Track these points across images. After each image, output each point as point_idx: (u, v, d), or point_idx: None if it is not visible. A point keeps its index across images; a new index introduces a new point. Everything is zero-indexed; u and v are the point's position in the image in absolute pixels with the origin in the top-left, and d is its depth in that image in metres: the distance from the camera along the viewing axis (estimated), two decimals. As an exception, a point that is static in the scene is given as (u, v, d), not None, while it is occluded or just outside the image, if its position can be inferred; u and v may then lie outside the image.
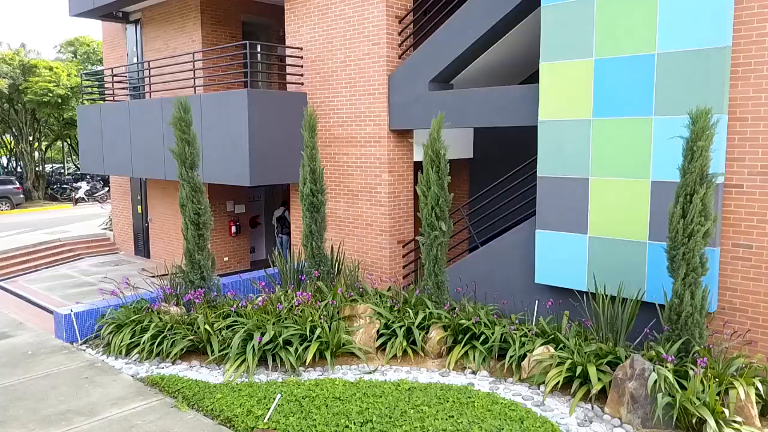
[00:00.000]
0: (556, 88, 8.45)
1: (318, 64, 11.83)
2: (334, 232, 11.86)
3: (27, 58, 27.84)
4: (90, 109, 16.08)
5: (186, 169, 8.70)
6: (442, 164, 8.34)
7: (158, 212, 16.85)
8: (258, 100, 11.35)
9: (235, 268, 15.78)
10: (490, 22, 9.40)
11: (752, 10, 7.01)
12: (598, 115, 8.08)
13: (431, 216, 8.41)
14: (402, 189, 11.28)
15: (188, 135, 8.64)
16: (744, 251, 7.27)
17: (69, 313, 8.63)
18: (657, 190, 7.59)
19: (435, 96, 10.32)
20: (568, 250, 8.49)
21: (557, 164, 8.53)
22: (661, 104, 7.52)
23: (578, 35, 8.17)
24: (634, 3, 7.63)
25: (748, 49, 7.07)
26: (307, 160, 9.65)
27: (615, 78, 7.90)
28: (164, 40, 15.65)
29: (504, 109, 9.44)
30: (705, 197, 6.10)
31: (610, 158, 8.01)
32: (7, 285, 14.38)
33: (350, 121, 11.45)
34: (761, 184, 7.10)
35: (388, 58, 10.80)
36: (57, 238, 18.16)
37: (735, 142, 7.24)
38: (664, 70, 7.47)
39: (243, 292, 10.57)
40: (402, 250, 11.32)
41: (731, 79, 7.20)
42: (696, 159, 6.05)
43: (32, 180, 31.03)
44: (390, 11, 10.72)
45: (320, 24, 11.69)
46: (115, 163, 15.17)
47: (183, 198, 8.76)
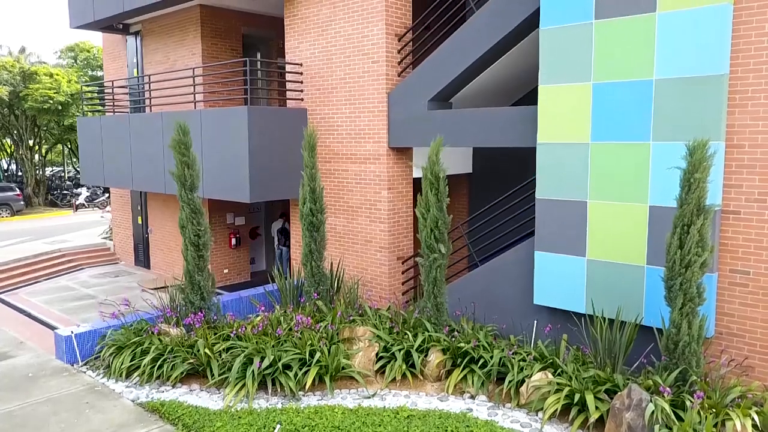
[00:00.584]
0: (555, 111, 8.49)
1: (318, 80, 11.86)
2: (333, 247, 11.89)
3: (27, 65, 27.87)
4: (90, 121, 16.12)
5: (186, 191, 8.73)
6: (441, 187, 8.38)
7: (158, 223, 16.88)
8: (258, 116, 11.38)
9: (235, 280, 15.81)
10: (488, 43, 9.43)
11: (749, 38, 7.04)
12: (596, 139, 8.12)
13: (430, 238, 8.44)
14: (401, 205, 11.32)
15: (188, 157, 8.67)
16: (741, 277, 7.30)
17: (70, 335, 8.66)
18: (655, 215, 7.63)
19: (434, 115, 10.36)
20: (567, 272, 8.53)
21: (556, 187, 8.57)
22: (659, 130, 7.55)
23: (577, 59, 8.20)
24: (632, 29, 7.67)
25: (745, 77, 7.10)
26: (307, 180, 9.68)
27: (613, 102, 7.93)
28: (164, 52, 15.69)
29: (503, 130, 9.47)
30: (702, 228, 6.13)
31: (608, 182, 8.04)
32: (8, 298, 14.41)
33: (350, 137, 11.48)
34: (759, 211, 7.13)
35: (387, 76, 10.84)
36: (57, 249, 18.19)
37: (732, 168, 7.27)
38: (662, 96, 7.50)
39: (243, 311, 10.60)
40: (401, 266, 11.35)
41: (729, 107, 7.23)
42: (693, 190, 6.09)
43: (32, 186, 31.06)
44: (389, 29, 10.75)
45: (320, 40, 11.72)
46: (116, 175, 15.21)
47: (183, 219, 8.80)
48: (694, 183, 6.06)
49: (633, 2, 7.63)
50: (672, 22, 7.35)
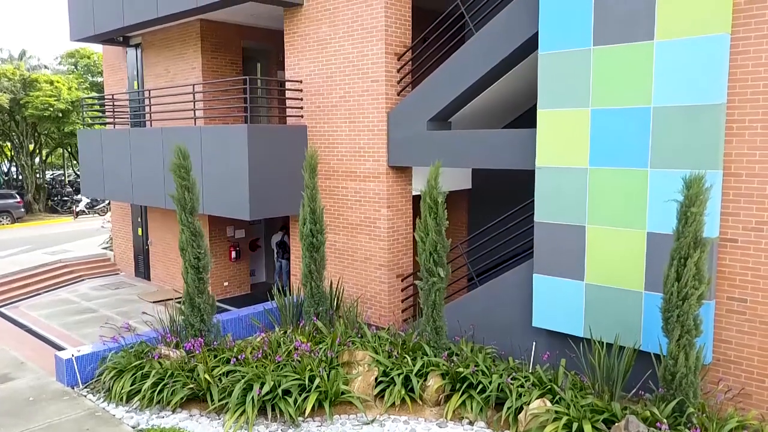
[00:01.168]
0: (554, 136, 8.52)
1: (318, 97, 11.90)
2: (333, 264, 11.93)
3: (28, 73, 27.90)
4: (91, 133, 16.16)
5: (186, 214, 8.77)
6: (440, 211, 8.42)
7: (158, 235, 16.92)
8: (258, 134, 11.42)
9: (236, 292, 15.86)
10: (487, 66, 9.47)
11: (747, 68, 7.08)
12: (594, 165, 8.16)
13: (429, 262, 8.48)
14: (401, 223, 11.36)
15: (188, 181, 8.71)
16: (739, 305, 7.34)
17: (70, 358, 8.70)
18: (653, 242, 7.67)
19: (433, 135, 10.40)
20: (565, 296, 8.57)
21: (554, 210, 8.60)
22: (657, 157, 7.59)
23: (575, 85, 8.23)
24: (630, 56, 7.70)
25: (742, 106, 7.14)
26: (308, 200, 9.72)
27: (611, 128, 7.97)
28: (164, 65, 15.72)
29: (502, 152, 9.51)
30: (699, 261, 6.17)
31: (606, 207, 8.08)
32: (9, 312, 14.46)
33: (350, 155, 11.52)
34: (756, 240, 7.17)
35: (387, 95, 10.87)
36: (58, 260, 18.23)
37: (730, 197, 7.31)
38: (659, 123, 7.54)
39: (242, 330, 10.64)
40: (401, 284, 11.39)
41: (726, 135, 7.27)
42: (690, 224, 6.13)
43: (33, 192, 31.11)
44: (389, 49, 10.79)
45: (319, 58, 11.76)
46: (116, 188, 15.25)
47: (183, 242, 8.84)
48: (691, 216, 6.10)
49: (631, 30, 7.67)
50: (670, 50, 7.38)
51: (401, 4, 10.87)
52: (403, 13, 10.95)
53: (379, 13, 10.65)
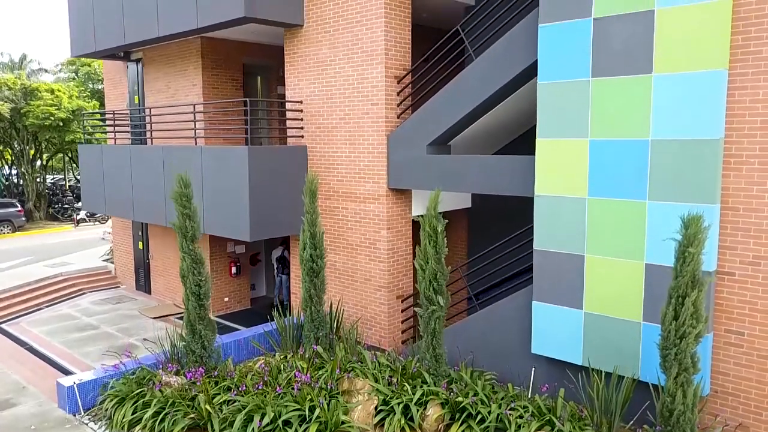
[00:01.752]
0: (552, 165, 8.57)
1: (318, 118, 11.95)
2: (333, 284, 11.97)
3: (29, 82, 27.94)
4: (92, 149, 16.21)
5: (187, 242, 8.82)
6: (440, 240, 8.46)
7: (159, 250, 16.97)
8: (258, 156, 11.46)
9: (236, 308, 15.90)
10: (486, 92, 9.52)
11: (744, 103, 7.13)
12: (593, 195, 8.20)
13: (429, 290, 8.53)
14: (401, 244, 11.40)
15: (189, 209, 8.77)
16: (736, 337, 7.39)
17: (72, 385, 8.75)
18: (651, 273, 7.71)
19: (433, 159, 10.44)
20: (564, 324, 8.61)
21: (553, 238, 8.65)
22: (655, 189, 7.63)
23: (574, 115, 8.28)
24: (628, 89, 7.75)
25: (739, 141, 7.19)
26: (308, 225, 9.77)
27: (610, 159, 8.01)
28: (165, 81, 15.77)
29: (501, 178, 9.55)
30: (696, 301, 6.22)
31: (605, 237, 8.13)
32: (10, 328, 14.51)
33: (350, 176, 11.57)
34: (753, 274, 7.22)
35: (387, 118, 10.92)
36: (58, 273, 18.29)
37: (727, 230, 7.36)
38: (658, 156, 7.59)
39: (243, 353, 10.68)
40: (401, 305, 11.44)
41: (724, 170, 7.32)
42: (688, 263, 6.17)
43: (34, 200, 31.16)
44: (389, 72, 10.83)
45: (320, 79, 11.80)
46: (117, 204, 15.29)
47: (184, 269, 8.89)
48: (689, 256, 6.14)
49: (629, 63, 7.71)
50: (668, 84, 7.43)
51: (401, 27, 10.92)
52: (403, 36, 11.00)
53: (379, 37, 10.70)
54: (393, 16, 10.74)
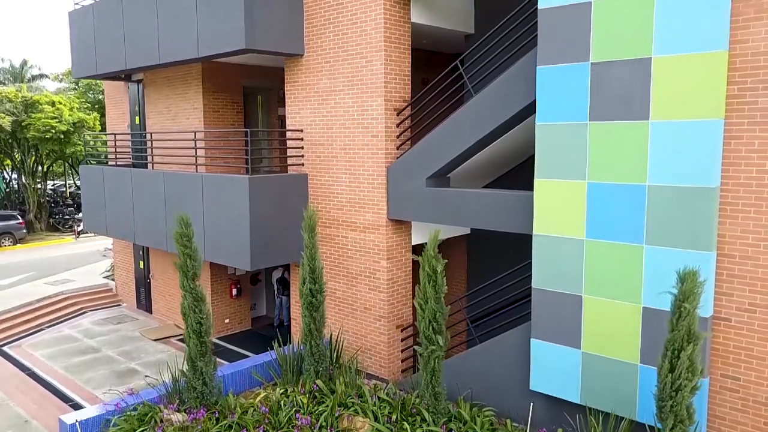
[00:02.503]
0: (551, 205, 8.64)
1: (318, 147, 12.02)
2: (333, 312, 12.05)
3: (29, 94, 28.02)
4: (93, 170, 16.28)
5: (188, 281, 8.89)
6: (439, 280, 8.54)
7: (160, 269, 17.05)
8: (259, 185, 11.54)
9: (236, 329, 16.00)
10: (485, 129, 9.60)
11: (740, 153, 7.20)
12: (591, 237, 8.27)
13: (429, 330, 8.60)
14: (400, 274, 11.48)
15: (190, 249, 8.84)
16: (732, 383, 7.46)
17: (74, 423, 8.81)
18: (648, 316, 7.78)
19: (432, 192, 10.51)
20: (562, 362, 8.68)
21: (551, 278, 8.72)
22: (653, 234, 7.70)
23: (572, 157, 8.34)
24: (625, 134, 7.81)
25: (736, 190, 7.26)
26: (307, 260, 9.84)
27: (608, 202, 8.08)
28: (166, 103, 15.85)
29: (500, 214, 9.63)
30: (692, 355, 6.29)
31: (602, 279, 8.20)
32: (11, 351, 14.61)
33: (350, 206, 11.64)
34: (749, 321, 7.29)
35: (387, 150, 10.99)
36: (60, 291, 18.37)
37: (723, 277, 7.43)
38: (655, 201, 7.65)
39: (244, 383, 10.74)
40: (401, 334, 11.52)
41: (720, 217, 7.39)
42: (683, 318, 6.25)
43: (35, 211, 31.24)
44: (388, 105, 10.90)
45: (320, 110, 11.87)
46: (118, 227, 15.36)
47: (185, 308, 8.97)
48: (684, 311, 6.22)
49: (627, 108, 7.78)
50: (665, 131, 7.50)
51: (400, 59, 10.99)
52: (403, 69, 11.07)
53: (378, 70, 10.78)
54: (392, 49, 10.81)
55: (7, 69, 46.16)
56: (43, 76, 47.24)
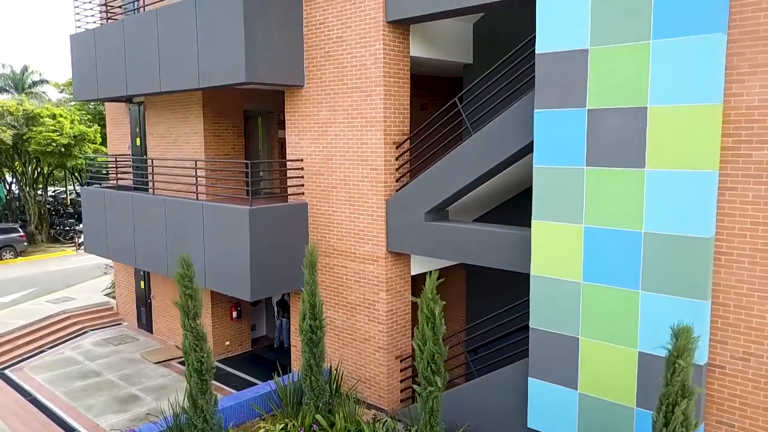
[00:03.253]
0: (548, 247, 8.73)
1: (318, 177, 12.10)
2: (332, 341, 12.14)
3: (31, 107, 28.11)
4: (94, 193, 16.37)
5: (189, 320, 8.98)
6: (437, 322, 8.62)
7: (161, 290, 17.14)
8: (260, 216, 11.63)
9: (236, 351, 16.07)
10: (483, 168, 9.69)
11: (734, 204, 7.29)
12: (587, 280, 8.36)
13: (427, 371, 8.68)
14: (399, 305, 11.57)
15: (191, 289, 8.93)
16: (727, 429, 7.55)
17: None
18: (644, 361, 7.88)
19: (431, 227, 10.60)
20: (559, 402, 8.77)
21: (549, 318, 8.81)
22: (648, 280, 7.80)
23: (569, 200, 8.43)
24: (622, 181, 7.90)
25: (730, 240, 7.35)
26: (307, 296, 9.93)
27: (604, 247, 8.16)
28: (167, 126, 15.94)
29: (498, 251, 9.72)
30: (686, 410, 6.37)
31: (599, 322, 8.29)
32: (13, 375, 14.68)
33: (349, 236, 11.72)
34: (743, 369, 7.38)
35: (386, 183, 11.07)
36: (61, 311, 18.45)
37: (718, 325, 7.52)
38: (650, 249, 7.74)
39: (245, 414, 10.83)
40: (400, 364, 11.60)
41: (715, 266, 7.48)
42: (678, 374, 6.33)
43: (35, 223, 31.33)
44: (388, 138, 10.99)
45: (320, 140, 11.96)
46: (119, 250, 15.45)
47: (186, 347, 9.05)
48: (679, 368, 6.30)
49: (623, 155, 7.87)
50: (661, 180, 7.59)
51: (400, 94, 11.08)
52: (402, 103, 11.15)
53: (378, 105, 10.86)
54: (392, 83, 10.90)
55: (8, 75, 46.28)
56: (44, 81, 47.35)
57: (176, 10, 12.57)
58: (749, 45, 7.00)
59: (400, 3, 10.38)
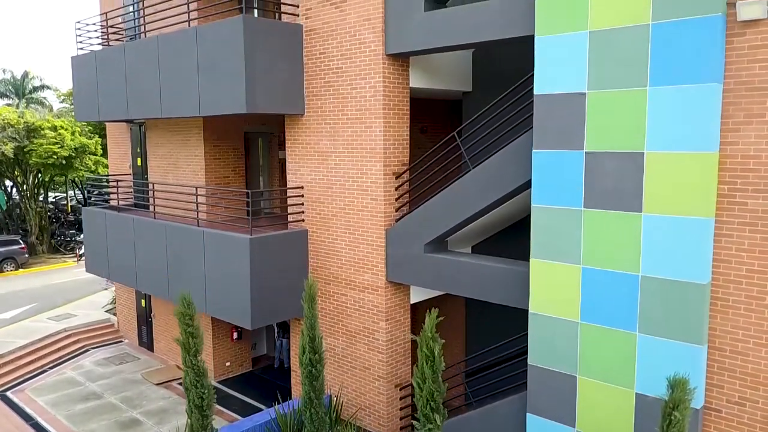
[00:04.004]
0: (546, 285, 8.80)
1: (318, 205, 12.17)
2: (332, 369, 12.21)
3: (32, 119, 28.17)
4: (95, 213, 16.43)
5: (190, 357, 9.06)
6: (437, 360, 8.68)
7: (162, 309, 17.21)
8: (260, 244, 11.69)
9: (237, 371, 16.15)
10: (482, 203, 9.76)
11: (730, 251, 7.36)
12: (585, 320, 8.43)
13: (426, 408, 8.74)
14: (399, 334, 11.64)
15: (192, 327, 9.01)
16: (723, 472, 7.63)
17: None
18: (641, 402, 7.95)
19: (430, 259, 10.67)
20: (557, 439, 8.85)
21: (547, 356, 8.88)
22: (645, 323, 7.87)
23: (567, 241, 8.50)
24: (619, 224, 7.97)
25: (726, 286, 7.42)
26: (307, 330, 10.00)
27: (602, 288, 8.24)
28: (168, 148, 16.01)
29: (496, 286, 9.79)
30: (682, 460, 6.45)
31: (596, 362, 8.36)
32: (15, 397, 14.77)
33: (349, 265, 11.79)
34: (739, 413, 7.46)
35: (386, 213, 11.14)
36: (62, 329, 18.53)
37: (714, 369, 7.60)
38: (647, 292, 7.82)
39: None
40: (400, 393, 11.68)
41: (711, 311, 7.56)
42: (673, 426, 6.40)
43: (36, 234, 31.41)
44: (387, 169, 11.06)
45: (320, 169, 12.03)
46: (120, 272, 15.52)
47: (187, 383, 9.13)
48: (675, 420, 6.37)
49: (620, 199, 7.93)
50: (657, 225, 7.66)
51: (399, 125, 11.14)
52: (401, 134, 11.21)
53: (378, 136, 10.93)
54: (392, 115, 10.97)
55: (9, 80, 46.37)
56: (45, 87, 47.46)
57: (177, 38, 12.64)
58: (744, 95, 7.08)
59: (400, 38, 10.46)
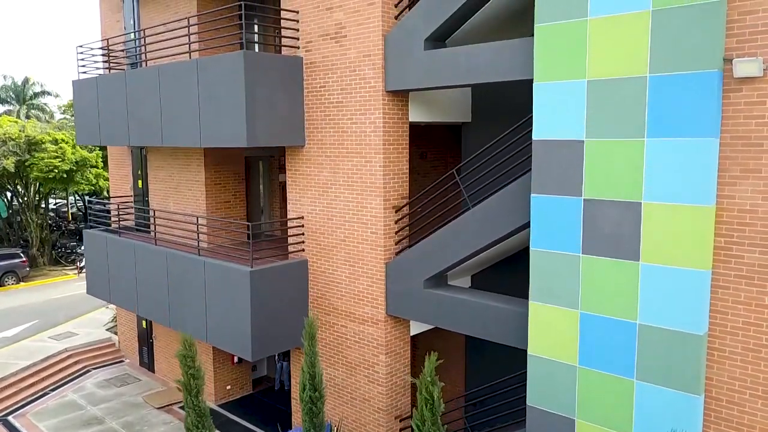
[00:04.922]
0: (545, 328, 8.86)
1: (318, 236, 12.23)
2: (332, 399, 12.28)
3: (33, 132, 28.25)
4: (96, 235, 16.49)
5: (192, 398, 9.12)
6: (436, 403, 8.76)
7: (163, 331, 17.27)
8: (260, 276, 11.75)
9: (238, 394, 16.22)
10: (481, 243, 9.82)
11: (727, 303, 7.42)
12: (583, 364, 8.49)
13: (425, 450, 8.82)
14: (399, 366, 11.70)
15: (194, 369, 9.07)
16: None
17: None
18: (639, 448, 8.02)
19: (430, 294, 10.73)
20: (556, 478, 8.91)
21: (545, 398, 8.94)
22: (642, 370, 7.93)
23: (565, 286, 8.55)
24: (616, 272, 8.03)
25: (723, 337, 7.48)
26: (307, 367, 10.06)
27: (600, 334, 8.29)
28: (169, 171, 16.07)
29: (495, 325, 9.85)
30: None
31: (594, 407, 8.42)
32: (16, 422, 14.83)
33: (349, 296, 11.85)
34: (736, 463, 7.52)
35: (385, 247, 11.20)
36: (64, 349, 18.59)
37: (711, 419, 7.65)
38: (645, 340, 7.87)
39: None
40: (399, 424, 11.74)
41: (708, 361, 7.61)
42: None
43: (37, 246, 31.48)
44: (387, 204, 11.12)
45: (321, 200, 12.09)
46: (121, 296, 15.57)
47: (189, 424, 9.19)
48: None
49: (618, 247, 7.99)
50: (654, 274, 7.72)
51: (399, 159, 11.20)
52: (401, 168, 11.27)
53: (377, 171, 10.99)
54: (391, 150, 11.03)
55: (9, 86, 46.48)
56: (45, 93, 47.59)
57: (178, 69, 12.70)
58: (741, 150, 7.14)
59: (400, 75, 10.52)
